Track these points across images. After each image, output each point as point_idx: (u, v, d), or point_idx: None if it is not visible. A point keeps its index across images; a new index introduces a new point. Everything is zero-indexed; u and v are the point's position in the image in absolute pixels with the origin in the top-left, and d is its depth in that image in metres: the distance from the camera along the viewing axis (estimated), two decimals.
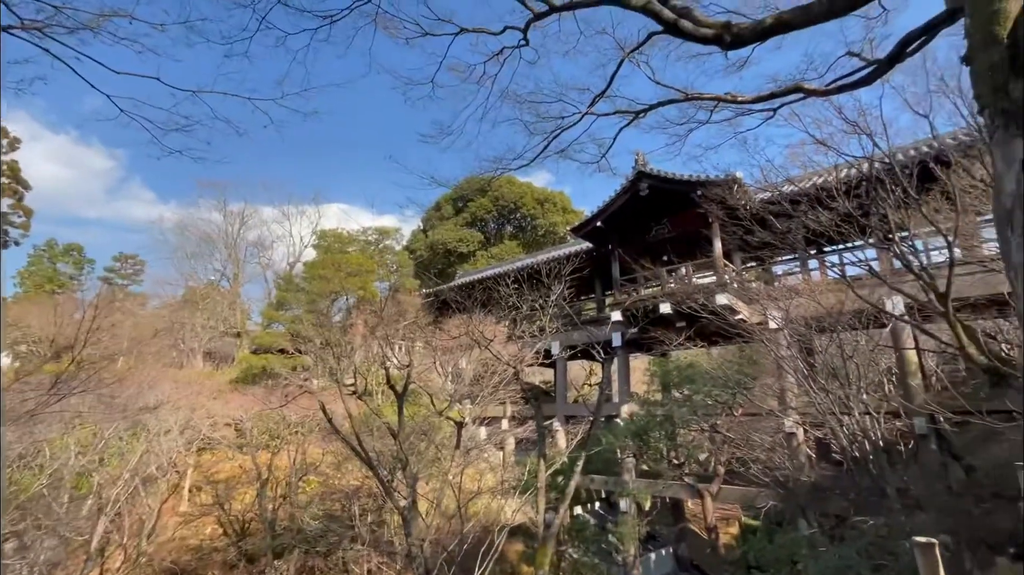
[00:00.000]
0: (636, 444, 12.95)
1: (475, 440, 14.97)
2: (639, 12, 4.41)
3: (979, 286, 10.00)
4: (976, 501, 7.43)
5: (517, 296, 12.50)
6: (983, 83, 2.79)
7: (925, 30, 4.13)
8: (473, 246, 35.24)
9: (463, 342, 12.09)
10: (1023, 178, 2.64)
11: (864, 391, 9.94)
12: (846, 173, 9.84)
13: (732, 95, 5.77)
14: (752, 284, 15.06)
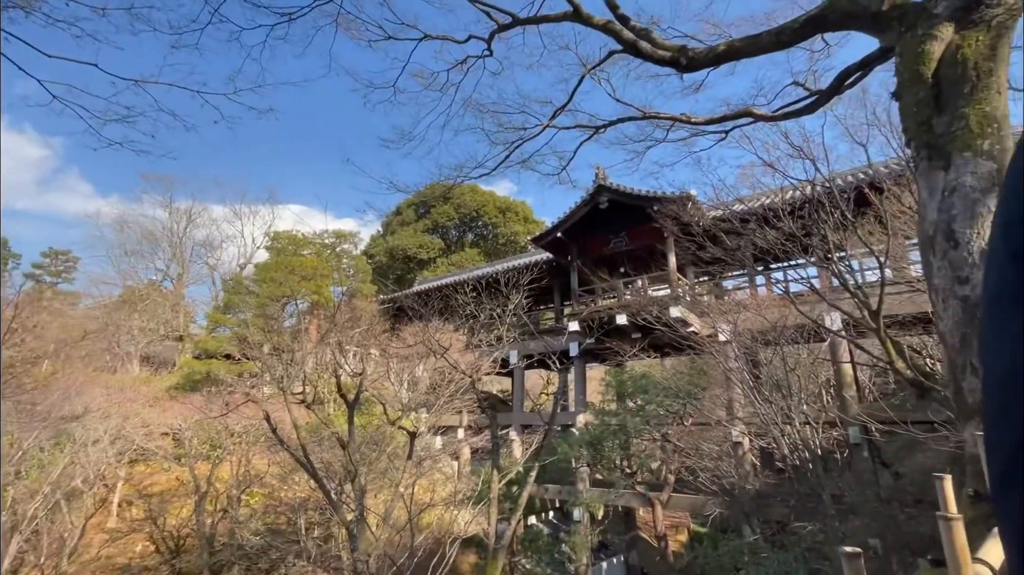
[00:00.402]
0: (590, 453, 13.08)
1: (430, 450, 14.72)
2: (600, 31, 4.52)
3: (907, 305, 10.73)
4: (901, 507, 7.92)
5: (476, 304, 12.45)
6: (910, 118, 3.02)
7: (861, 65, 4.43)
8: (434, 253, 34.93)
9: (420, 350, 11.90)
10: (944, 207, 2.86)
11: (804, 402, 10.45)
12: (791, 195, 10.37)
13: (687, 116, 6.00)
14: (704, 298, 15.62)
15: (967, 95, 2.73)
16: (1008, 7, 2.81)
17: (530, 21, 5.28)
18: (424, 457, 10.59)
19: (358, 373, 8.73)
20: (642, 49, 4.34)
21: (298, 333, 8.57)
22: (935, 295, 2.81)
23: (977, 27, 2.82)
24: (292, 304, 21.94)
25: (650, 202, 14.01)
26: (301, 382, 8.71)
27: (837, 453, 12.28)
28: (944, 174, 2.81)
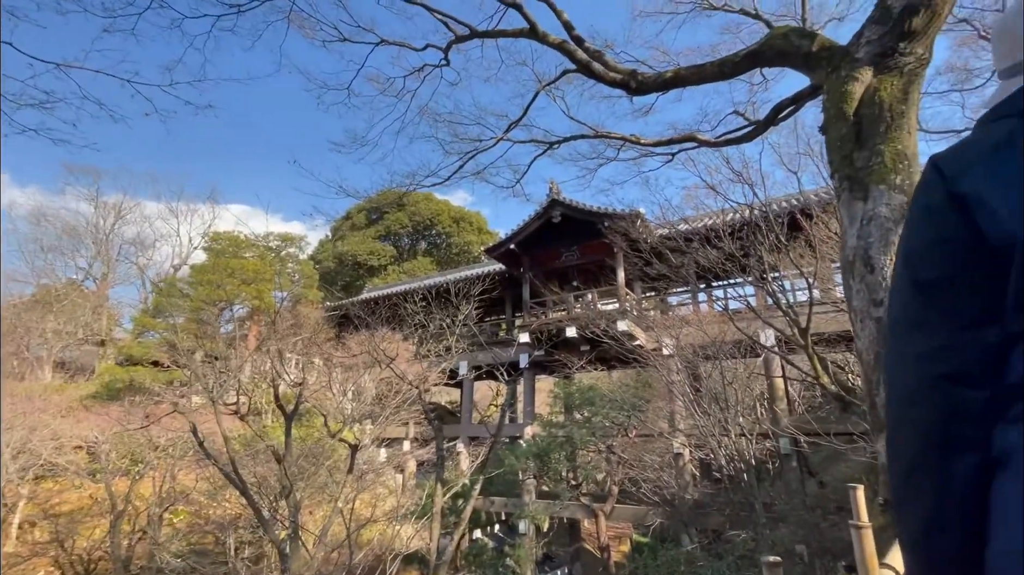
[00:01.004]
0: (537, 465, 13.11)
1: (373, 463, 14.27)
2: (555, 49, 4.63)
3: (833, 324, 11.52)
4: (824, 514, 8.42)
5: (427, 314, 12.28)
6: (834, 151, 3.26)
7: (794, 100, 4.76)
8: (385, 260, 34.24)
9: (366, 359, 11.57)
10: (863, 235, 3.10)
11: (740, 414, 10.96)
12: (731, 217, 10.94)
13: (636, 137, 6.22)
14: (650, 313, 16.15)
15: (883, 133, 2.99)
16: (918, 57, 3.10)
17: (487, 35, 5.34)
18: (367, 470, 10.25)
19: (298, 383, 8.36)
20: (595, 70, 4.48)
21: (234, 340, 8.09)
22: (854, 315, 3.02)
23: (892, 72, 3.10)
24: (230, 309, 20.80)
25: (601, 218, 14.39)
26: (235, 392, 8.22)
27: (769, 463, 12.94)
28: (863, 204, 3.04)
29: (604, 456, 13.26)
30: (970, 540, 0.62)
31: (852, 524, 1.40)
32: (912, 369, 0.69)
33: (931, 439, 0.65)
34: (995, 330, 0.61)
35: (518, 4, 4.74)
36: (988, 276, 0.61)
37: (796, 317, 8.41)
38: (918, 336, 0.68)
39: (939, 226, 0.66)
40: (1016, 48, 0.73)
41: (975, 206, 0.62)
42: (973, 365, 0.62)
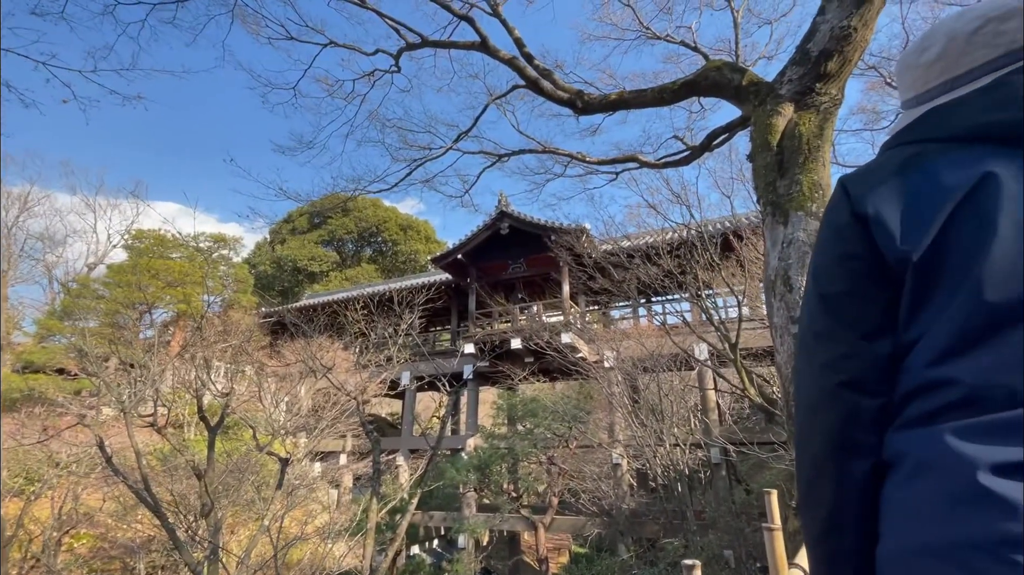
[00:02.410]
0: (478, 478, 12.99)
1: (306, 478, 13.59)
2: (506, 64, 4.72)
3: (760, 339, 12.27)
4: (749, 520, 8.87)
5: (369, 323, 11.95)
6: (759, 178, 3.52)
7: (727, 129, 5.09)
8: (327, 266, 33.07)
9: (302, 369, 11.08)
10: (783, 257, 3.34)
11: (675, 425, 11.41)
12: (670, 236, 11.47)
13: (582, 155, 6.41)
14: (593, 326, 16.54)
15: (801, 164, 3.25)
16: (832, 97, 3.41)
17: (439, 44, 5.35)
18: (299, 485, 9.75)
19: (225, 393, 7.86)
20: (543, 87, 4.60)
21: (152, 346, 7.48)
22: (774, 331, 3.23)
23: (810, 110, 3.39)
24: (151, 313, 19.30)
25: (548, 231, 14.64)
26: (152, 402, 7.60)
27: (701, 472, 13.51)
28: (783, 228, 3.28)
29: (545, 467, 13.35)
30: (864, 540, 0.66)
31: (765, 527, 1.49)
32: (816, 377, 0.73)
33: (831, 444, 0.70)
34: (889, 342, 0.66)
35: (470, 18, 4.80)
36: (885, 291, 0.66)
37: (727, 332, 8.91)
38: (822, 346, 0.73)
39: (843, 243, 0.71)
40: (915, 82, 0.81)
41: (875, 225, 0.67)
42: (869, 374, 0.67)
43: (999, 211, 0.58)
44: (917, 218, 0.63)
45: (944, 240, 0.61)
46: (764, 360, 12.64)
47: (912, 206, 0.64)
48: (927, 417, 0.60)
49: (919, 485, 0.59)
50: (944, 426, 0.58)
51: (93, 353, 8.39)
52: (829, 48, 3.33)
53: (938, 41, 0.77)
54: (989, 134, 0.64)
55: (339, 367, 12.23)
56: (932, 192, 0.63)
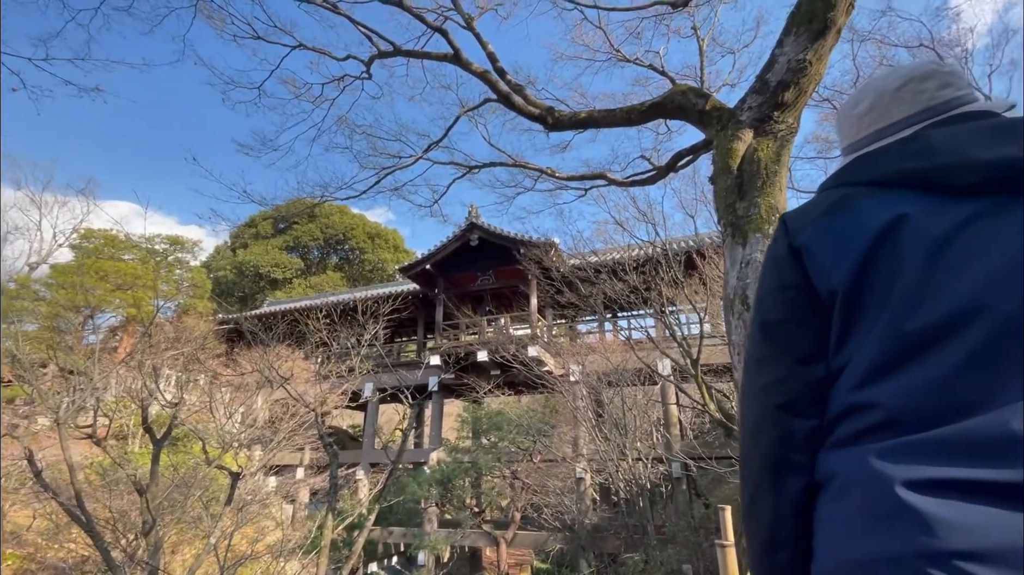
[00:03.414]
0: (440, 492, 12.75)
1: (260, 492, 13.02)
2: (478, 78, 4.74)
3: (721, 356, 12.59)
4: (707, 535, 9.01)
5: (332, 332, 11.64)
6: (720, 200, 3.63)
7: (691, 151, 5.24)
8: (290, 273, 32.19)
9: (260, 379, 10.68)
10: (742, 277, 3.45)
11: (638, 439, 11.53)
12: (636, 253, 11.70)
13: (552, 170, 6.49)
14: (560, 339, 16.63)
15: (759, 188, 3.38)
16: (788, 125, 3.57)
17: (412, 54, 5.34)
18: (250, 501, 9.32)
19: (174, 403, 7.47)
20: (514, 102, 4.64)
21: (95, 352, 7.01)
22: (733, 349, 3.31)
23: (768, 136, 3.54)
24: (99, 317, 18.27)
25: (518, 244, 14.70)
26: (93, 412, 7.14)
27: (663, 486, 13.66)
28: (742, 249, 3.38)
29: (509, 482, 13.23)
30: (800, 556, 0.70)
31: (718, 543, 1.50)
32: (757, 400, 0.78)
33: (768, 463, 0.74)
34: (822, 367, 0.72)
35: (444, 31, 4.81)
36: (818, 319, 0.72)
37: (689, 348, 9.11)
38: (762, 370, 0.78)
39: (781, 274, 0.77)
40: (849, 131, 0.90)
41: (808, 259, 0.73)
42: (803, 397, 0.72)
43: (909, 247, 0.65)
44: (842, 253, 0.70)
45: (865, 273, 0.67)
46: (724, 376, 12.97)
47: (838, 242, 0.71)
48: (852, 438, 0.65)
49: (845, 503, 0.63)
50: (867, 447, 0.62)
51: (28, 359, 7.85)
52: (786, 79, 3.49)
53: (869, 96, 0.87)
54: (905, 180, 0.71)
55: (299, 377, 11.85)
56: (855, 230, 0.70)
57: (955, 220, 0.64)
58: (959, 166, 0.67)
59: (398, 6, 4.80)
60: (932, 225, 0.65)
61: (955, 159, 0.67)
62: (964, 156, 0.67)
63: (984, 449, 0.54)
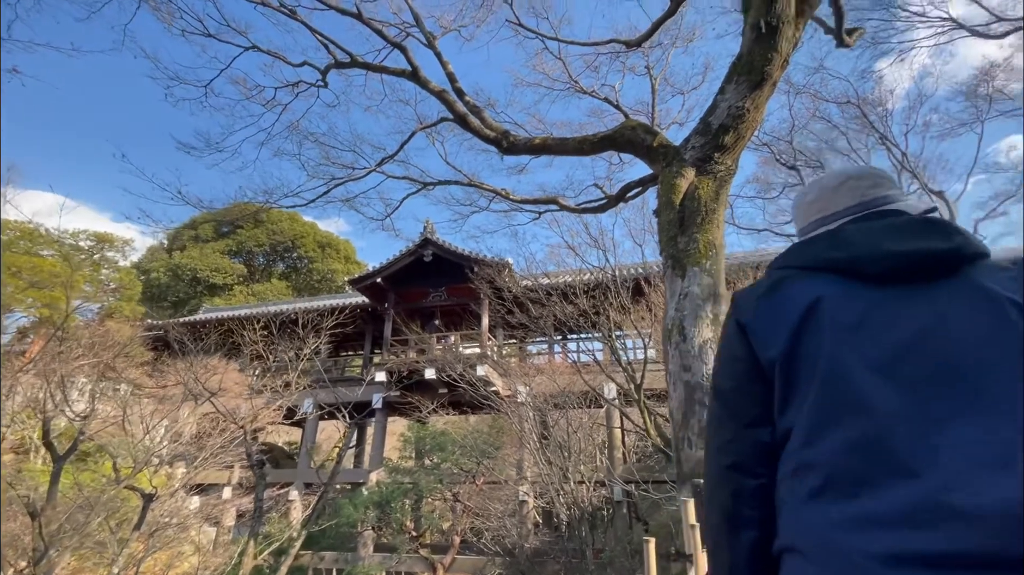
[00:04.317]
0: (378, 515, 12.26)
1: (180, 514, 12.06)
2: (435, 97, 4.75)
3: (663, 381, 12.95)
4: (642, 560, 9.09)
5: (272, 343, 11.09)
6: (663, 232, 3.77)
7: (640, 183, 5.44)
8: (232, 279, 30.62)
9: (186, 391, 9.99)
10: (680, 308, 3.56)
11: (582, 462, 11.57)
12: (587, 277, 11.94)
13: (507, 192, 6.55)
14: (510, 360, 16.59)
15: (699, 224, 3.53)
16: (727, 167, 3.78)
17: (370, 67, 5.29)
18: (167, 523, 8.61)
19: (83, 415, 6.84)
20: (470, 123, 4.67)
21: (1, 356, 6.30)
22: (669, 378, 3.40)
23: (708, 176, 3.72)
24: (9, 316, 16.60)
25: (472, 263, 14.66)
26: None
27: (604, 510, 13.74)
28: (681, 282, 3.51)
29: (450, 505, 12.91)
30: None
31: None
32: (713, 459, 0.87)
33: (725, 517, 0.83)
34: (767, 431, 0.80)
35: (403, 47, 4.81)
36: (762, 388, 0.81)
37: (633, 373, 9.32)
38: (717, 433, 0.88)
39: (731, 347, 0.87)
40: (799, 218, 1.03)
41: (751, 335, 0.83)
42: (750, 458, 0.81)
43: (824, 324, 0.76)
44: (776, 330, 0.80)
45: (796, 346, 0.77)
46: (666, 401, 13.30)
47: (773, 320, 0.81)
48: (806, 497, 0.71)
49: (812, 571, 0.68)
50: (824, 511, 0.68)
51: None
52: (726, 123, 3.71)
53: (814, 190, 1.01)
54: (827, 266, 0.83)
55: (232, 391, 11.19)
56: (786, 310, 0.81)
57: (866, 304, 0.76)
58: (871, 257, 0.79)
59: (357, 18, 4.76)
60: (844, 307, 0.77)
61: (868, 250, 0.80)
62: (876, 248, 0.79)
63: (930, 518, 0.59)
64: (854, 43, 4.95)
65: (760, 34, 3.51)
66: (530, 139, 4.95)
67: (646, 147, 4.26)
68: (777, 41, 3.51)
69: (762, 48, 3.55)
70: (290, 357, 9.35)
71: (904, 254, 0.77)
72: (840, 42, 4.73)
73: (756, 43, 3.57)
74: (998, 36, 10.72)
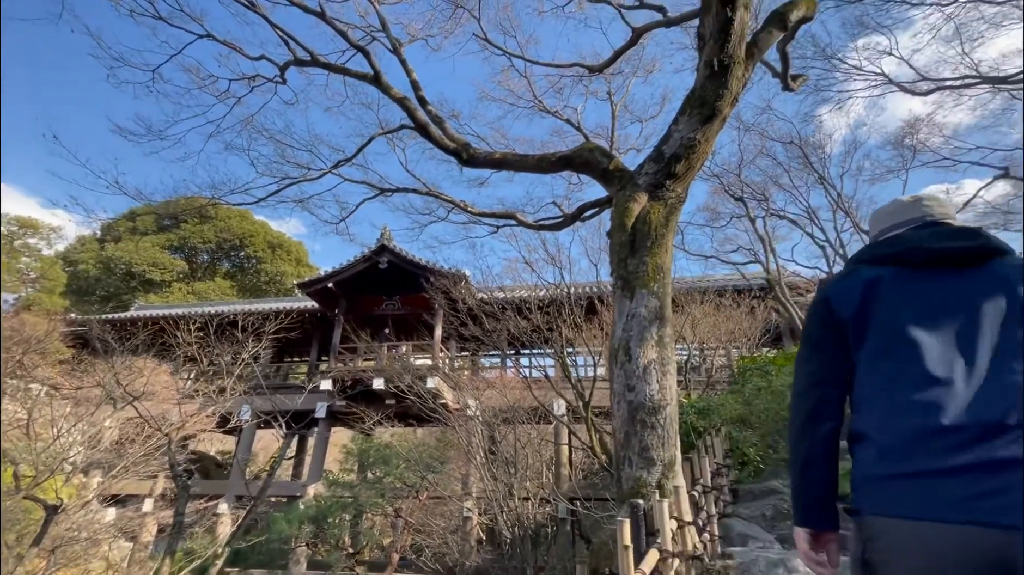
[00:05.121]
0: (314, 530, 11.71)
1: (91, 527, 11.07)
2: (396, 104, 4.70)
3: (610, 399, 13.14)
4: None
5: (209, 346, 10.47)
6: (614, 254, 3.85)
7: (596, 204, 5.56)
8: (171, 275, 28.89)
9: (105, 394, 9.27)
10: (627, 328, 3.63)
11: (528, 479, 11.51)
12: (543, 293, 12.03)
13: (466, 204, 6.54)
14: (462, 372, 16.42)
15: (648, 248, 3.63)
16: (677, 195, 3.92)
17: (331, 68, 5.18)
18: (73, 539, 7.87)
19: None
20: (431, 133, 4.64)
21: None
22: (613, 397, 3.44)
23: (660, 202, 3.85)
24: None
25: (428, 273, 14.49)
26: None
27: (549, 527, 13.69)
28: (630, 302, 3.58)
29: (391, 521, 12.51)
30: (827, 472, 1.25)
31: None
32: (802, 378, 1.32)
33: (808, 416, 1.27)
34: (839, 361, 1.24)
35: (366, 51, 4.74)
36: (836, 335, 1.24)
37: (583, 390, 9.41)
38: (805, 363, 1.32)
39: (819, 310, 1.30)
40: (871, 229, 1.46)
41: (833, 300, 1.26)
42: (828, 378, 1.26)
43: (880, 294, 1.20)
44: (849, 298, 1.23)
45: (863, 309, 1.20)
46: None
47: (847, 292, 1.24)
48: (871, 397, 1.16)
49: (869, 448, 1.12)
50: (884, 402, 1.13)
51: None
52: (678, 153, 3.86)
53: (893, 205, 1.44)
54: (886, 259, 1.26)
55: (161, 395, 10.48)
56: (855, 285, 1.24)
57: (908, 283, 1.20)
58: (915, 251, 1.23)
59: (320, 17, 4.67)
60: (894, 283, 1.20)
61: (914, 247, 1.24)
62: (920, 246, 1.23)
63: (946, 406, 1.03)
64: (798, 88, 5.30)
65: (713, 72, 3.70)
66: (491, 153, 4.97)
67: (602, 169, 4.36)
68: (728, 79, 3.70)
69: (714, 85, 3.73)
70: (227, 361, 8.84)
71: (938, 250, 1.20)
72: (785, 86, 5.05)
73: (709, 80, 3.75)
74: (923, 94, 11.80)
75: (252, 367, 8.89)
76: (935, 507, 0.95)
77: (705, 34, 3.72)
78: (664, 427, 3.18)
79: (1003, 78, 10.47)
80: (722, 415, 8.70)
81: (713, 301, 13.18)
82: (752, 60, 3.95)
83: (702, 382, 12.77)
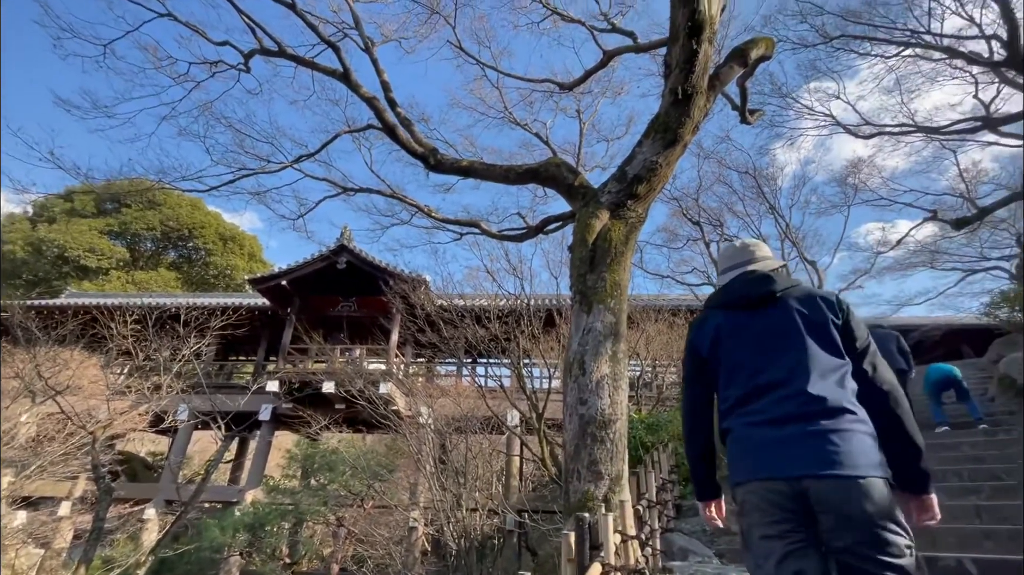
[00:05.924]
0: (249, 539, 11.15)
1: None
2: (365, 103, 4.63)
3: None
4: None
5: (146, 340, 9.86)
6: (574, 268, 3.91)
7: (559, 218, 5.63)
8: (109, 262, 27.13)
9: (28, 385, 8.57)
10: (582, 343, 3.68)
11: (477, 489, 11.40)
12: (502, 303, 12.03)
13: (430, 209, 6.49)
14: (416, 379, 16.14)
15: (607, 264, 3.71)
16: (638, 215, 4.03)
17: (298, 60, 5.05)
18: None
19: None
20: (399, 135, 4.60)
21: None
22: (565, 410, 3.48)
23: (621, 220, 3.94)
24: None
25: (388, 276, 14.24)
26: None
27: (496, 538, 13.57)
28: (587, 317, 3.63)
29: (332, 530, 12.09)
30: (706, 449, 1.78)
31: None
32: (685, 402, 1.79)
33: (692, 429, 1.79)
34: (699, 388, 1.77)
35: (336, 47, 4.66)
36: (700, 367, 1.76)
37: (537, 402, 9.44)
38: (684, 390, 1.82)
39: (689, 351, 1.80)
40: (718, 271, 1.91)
41: (695, 342, 1.77)
42: (698, 397, 1.77)
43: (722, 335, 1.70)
44: (704, 342, 1.73)
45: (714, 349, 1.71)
46: None
47: (702, 337, 1.75)
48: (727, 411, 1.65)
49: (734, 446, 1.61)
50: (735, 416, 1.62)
51: None
52: (641, 174, 3.98)
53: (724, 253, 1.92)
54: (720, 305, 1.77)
55: (88, 390, 9.79)
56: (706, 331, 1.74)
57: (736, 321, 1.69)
58: (735, 297, 1.73)
59: (291, 8, 4.55)
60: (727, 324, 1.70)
61: (735, 294, 1.74)
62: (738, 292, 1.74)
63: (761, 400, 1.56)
64: (755, 122, 5.59)
65: (677, 99, 3.84)
66: (458, 160, 4.96)
67: (568, 185, 4.43)
68: (691, 108, 3.86)
69: (678, 112, 3.88)
70: (166, 357, 8.35)
71: (748, 295, 1.71)
72: (743, 119, 5.31)
73: (673, 107, 3.89)
74: (866, 137, 12.70)
75: (193, 364, 8.43)
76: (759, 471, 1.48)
77: (672, 63, 3.87)
78: (614, 441, 3.23)
79: (935, 128, 11.42)
80: (671, 431, 8.92)
81: (667, 319, 13.56)
82: (714, 91, 4.14)
83: (653, 398, 13.06)
